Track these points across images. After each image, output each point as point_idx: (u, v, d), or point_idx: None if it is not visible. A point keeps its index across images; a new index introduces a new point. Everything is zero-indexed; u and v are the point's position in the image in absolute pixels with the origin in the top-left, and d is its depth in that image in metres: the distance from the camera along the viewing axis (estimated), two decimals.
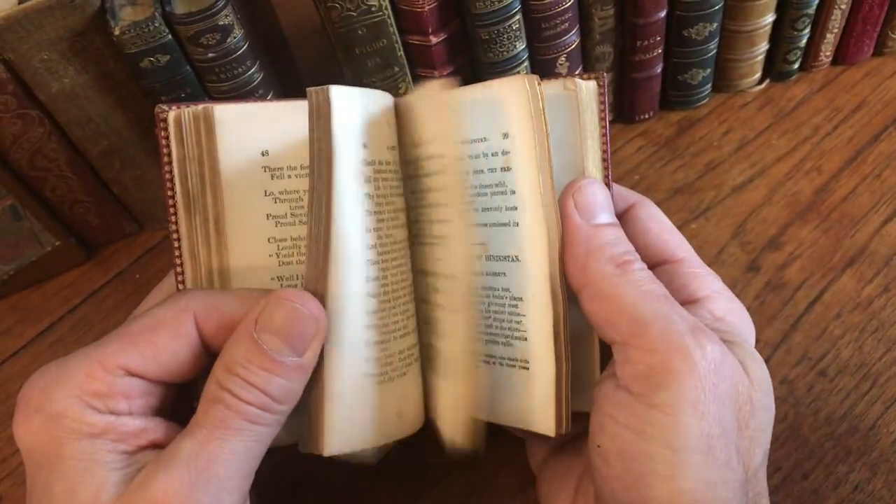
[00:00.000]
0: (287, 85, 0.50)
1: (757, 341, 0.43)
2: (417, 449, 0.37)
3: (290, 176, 0.35)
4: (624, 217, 0.36)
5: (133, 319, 0.32)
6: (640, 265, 0.32)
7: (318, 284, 0.32)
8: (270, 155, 0.35)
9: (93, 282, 0.53)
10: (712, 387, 0.28)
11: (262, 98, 0.46)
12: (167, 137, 0.34)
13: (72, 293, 0.53)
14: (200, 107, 0.34)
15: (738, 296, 0.45)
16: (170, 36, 0.41)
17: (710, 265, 0.46)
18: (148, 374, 0.30)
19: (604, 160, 0.34)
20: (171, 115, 0.33)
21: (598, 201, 0.33)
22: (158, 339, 0.30)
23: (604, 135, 0.34)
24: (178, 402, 0.33)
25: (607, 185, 0.34)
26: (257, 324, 0.30)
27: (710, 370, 0.28)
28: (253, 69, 0.44)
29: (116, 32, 0.41)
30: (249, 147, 0.34)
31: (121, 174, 0.50)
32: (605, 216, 0.33)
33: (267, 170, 0.35)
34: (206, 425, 0.29)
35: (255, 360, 0.29)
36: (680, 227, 0.48)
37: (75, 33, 0.42)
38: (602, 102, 0.34)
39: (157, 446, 0.30)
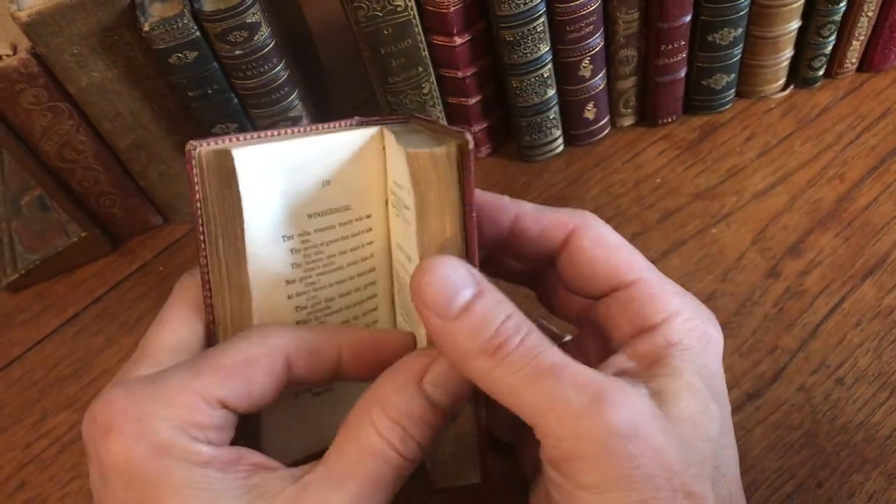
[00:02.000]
0: (312, 83, 0.51)
1: (774, 348, 0.43)
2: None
3: (305, 216, 0.35)
4: (565, 249, 0.34)
5: (223, 352, 0.31)
6: (517, 338, 0.28)
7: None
8: (287, 197, 0.34)
9: (117, 273, 0.54)
10: (630, 456, 0.27)
11: (286, 97, 0.46)
12: (197, 175, 0.33)
13: (96, 283, 0.54)
14: (221, 146, 0.33)
15: (757, 302, 0.45)
16: (198, 33, 0.42)
17: (729, 271, 0.47)
18: (240, 408, 0.30)
19: (467, 234, 0.31)
20: (199, 152, 0.32)
21: (447, 287, 0.29)
22: (254, 377, 0.30)
23: (467, 195, 0.30)
24: None
25: (471, 250, 0.31)
26: (429, 377, 0.30)
27: (622, 442, 0.27)
28: (279, 67, 0.45)
29: (146, 28, 0.41)
30: (268, 190, 0.34)
31: (147, 168, 0.51)
32: (465, 293, 0.29)
33: (284, 212, 0.34)
34: (361, 478, 0.29)
35: (422, 414, 0.29)
36: (700, 232, 0.49)
37: (105, 28, 0.43)
38: (466, 168, 0.30)
39: (259, 468, 0.30)
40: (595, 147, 0.55)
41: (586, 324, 0.36)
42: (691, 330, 0.31)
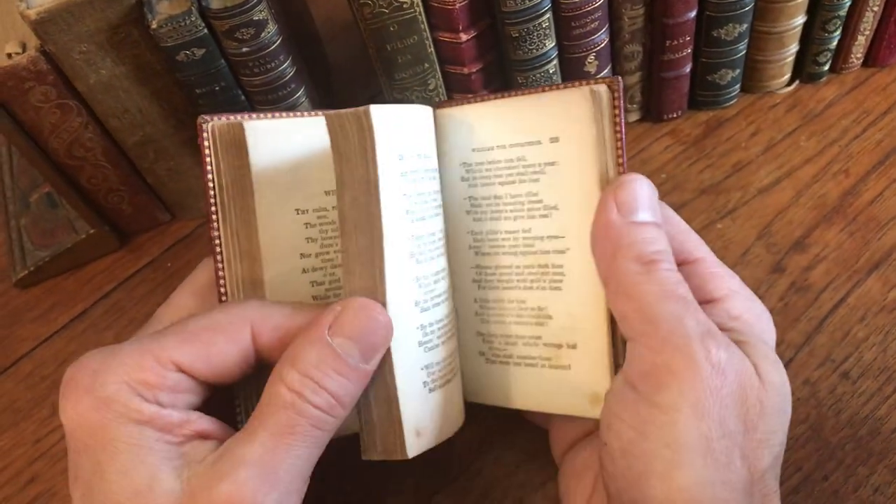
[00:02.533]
0: (319, 79, 0.51)
1: (780, 343, 0.43)
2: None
3: (321, 193, 0.36)
4: None
5: (189, 319, 0.32)
6: (667, 265, 0.32)
7: (375, 295, 0.32)
8: (302, 171, 0.35)
9: (125, 269, 0.54)
10: (715, 390, 0.29)
11: (293, 93, 0.47)
12: (208, 148, 0.34)
13: (105, 280, 0.54)
14: (234, 120, 0.34)
15: (762, 297, 0.45)
16: (205, 30, 0.42)
17: (734, 266, 0.47)
18: (197, 372, 0.31)
19: (619, 164, 0.35)
20: (210, 126, 0.34)
21: (639, 199, 0.33)
22: (213, 342, 0.31)
23: (619, 139, 0.34)
24: (214, 401, 0.34)
25: None
26: (332, 328, 0.31)
27: (713, 373, 0.29)
28: (286, 64, 0.45)
29: (153, 26, 0.41)
30: (281, 163, 0.35)
31: (155, 164, 0.51)
32: (645, 214, 0.33)
33: (298, 186, 0.35)
34: (273, 429, 0.30)
35: (329, 363, 0.30)
36: (705, 227, 0.49)
37: (113, 26, 0.43)
38: (616, 107, 0.34)
39: (203, 437, 0.31)
40: None
41: None
42: (749, 310, 0.34)
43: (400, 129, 0.34)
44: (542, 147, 0.36)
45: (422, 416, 0.34)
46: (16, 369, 0.50)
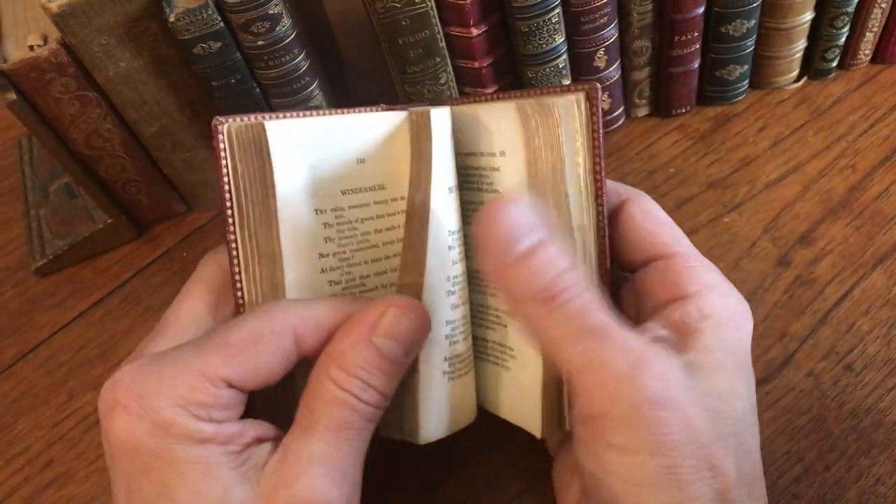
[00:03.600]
0: (332, 73, 0.52)
1: (784, 335, 0.44)
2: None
3: (338, 192, 0.36)
4: (616, 214, 0.35)
5: (230, 329, 0.32)
6: (570, 293, 0.29)
7: (419, 292, 0.34)
8: (320, 171, 0.35)
9: (142, 258, 0.55)
10: (661, 422, 0.28)
11: (307, 86, 0.47)
12: (224, 150, 0.33)
13: (122, 269, 0.55)
14: (253, 121, 0.34)
15: (767, 289, 0.46)
16: (222, 23, 0.43)
17: (741, 259, 0.47)
18: (246, 386, 0.31)
19: (596, 172, 0.33)
20: (226, 128, 0.33)
21: (512, 228, 0.29)
22: (260, 354, 0.31)
23: (596, 146, 0.33)
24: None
25: (600, 196, 0.33)
26: (377, 329, 0.31)
27: (655, 408, 0.28)
28: (300, 57, 0.46)
29: (171, 19, 0.42)
30: (300, 163, 0.35)
31: (171, 155, 0.52)
32: (529, 239, 0.29)
33: (316, 186, 0.35)
34: (331, 426, 0.30)
35: (375, 363, 0.31)
36: (713, 221, 0.49)
37: (132, 19, 0.44)
38: (594, 114, 0.33)
39: (259, 441, 0.31)
40: (609, 137, 0.56)
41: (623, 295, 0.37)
42: (724, 306, 0.32)
43: (452, 132, 0.35)
44: (494, 158, 0.36)
45: (440, 406, 0.35)
46: (34, 355, 0.51)
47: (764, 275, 0.47)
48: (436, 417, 0.36)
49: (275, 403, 0.34)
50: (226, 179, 0.34)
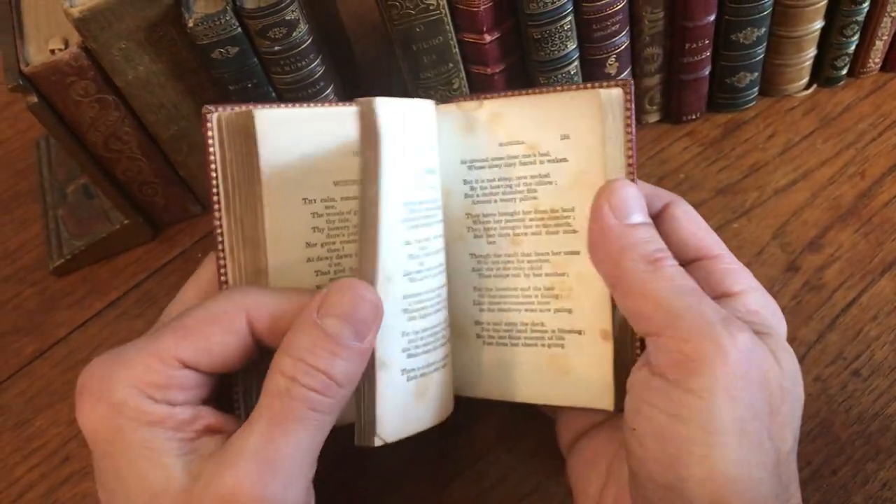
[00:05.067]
0: (346, 78, 0.52)
1: (793, 340, 0.44)
2: (454, 428, 0.39)
3: (330, 183, 0.36)
4: (660, 215, 0.37)
5: (186, 313, 0.33)
6: (671, 262, 0.33)
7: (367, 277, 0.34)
8: (310, 161, 0.36)
9: (157, 259, 0.56)
10: (743, 373, 0.29)
11: (322, 91, 0.48)
12: (212, 138, 0.34)
13: (137, 269, 0.56)
14: (242, 109, 0.34)
15: (775, 295, 0.46)
16: (239, 29, 0.44)
17: (749, 264, 0.47)
18: (201, 366, 0.32)
19: (629, 165, 0.35)
20: (215, 116, 0.34)
21: (631, 202, 0.34)
22: (212, 334, 0.32)
23: (629, 141, 0.35)
24: (222, 390, 0.35)
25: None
26: (320, 311, 0.31)
27: (740, 357, 0.29)
28: (315, 62, 0.47)
29: (190, 24, 0.43)
30: (289, 153, 0.35)
31: (188, 158, 0.53)
32: (638, 216, 0.34)
33: (306, 176, 0.36)
34: (269, 418, 0.30)
35: (319, 343, 0.31)
36: (722, 227, 0.50)
37: (152, 24, 0.45)
38: (628, 109, 0.35)
39: (212, 431, 0.32)
40: None
41: None
42: (765, 306, 0.35)
43: (404, 124, 0.35)
44: (554, 143, 0.37)
45: (402, 401, 0.35)
46: (52, 353, 0.52)
47: (772, 280, 0.47)
48: (397, 415, 0.35)
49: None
50: (213, 166, 0.35)
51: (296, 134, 0.35)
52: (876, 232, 0.48)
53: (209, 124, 0.34)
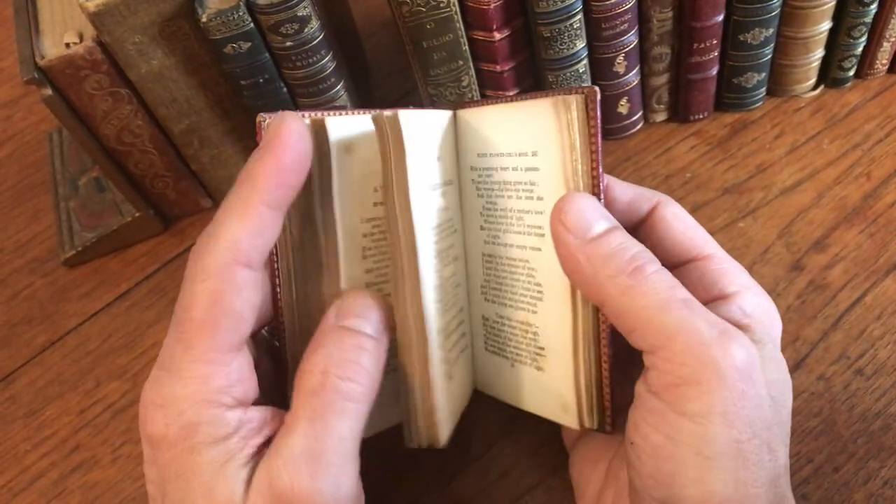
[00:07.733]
0: (357, 74, 0.53)
1: (796, 339, 0.45)
2: (461, 424, 0.39)
3: (374, 204, 0.36)
4: (649, 218, 0.36)
5: (187, 308, 0.32)
6: (652, 267, 0.31)
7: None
8: (374, 170, 0.35)
9: (168, 251, 0.57)
10: (741, 394, 0.29)
11: (332, 87, 0.49)
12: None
13: (148, 261, 0.56)
14: (315, 116, 0.34)
15: (780, 294, 0.47)
16: (252, 24, 0.44)
17: (754, 263, 0.48)
18: (237, 338, 0.31)
19: (593, 177, 0.33)
20: (267, 124, 0.34)
21: (587, 213, 0.32)
22: (231, 305, 0.31)
23: (594, 149, 0.33)
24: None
25: (596, 195, 0.34)
26: (337, 315, 0.32)
27: (738, 377, 0.29)
28: (327, 58, 0.47)
29: (203, 19, 0.44)
30: (357, 161, 0.35)
31: (199, 152, 0.54)
32: (601, 224, 0.32)
33: (370, 186, 0.36)
34: (310, 415, 0.30)
35: (345, 338, 0.31)
36: (728, 226, 0.50)
37: (165, 19, 0.45)
38: (592, 118, 0.33)
39: (271, 437, 0.32)
40: (628, 141, 0.56)
41: None
42: (760, 306, 0.34)
43: (427, 134, 0.35)
44: (525, 153, 0.36)
45: (447, 403, 0.35)
46: (62, 343, 0.53)
47: (777, 279, 0.47)
48: (447, 418, 0.35)
49: None
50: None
51: (361, 143, 0.35)
52: (881, 232, 0.49)
53: (263, 132, 0.34)
